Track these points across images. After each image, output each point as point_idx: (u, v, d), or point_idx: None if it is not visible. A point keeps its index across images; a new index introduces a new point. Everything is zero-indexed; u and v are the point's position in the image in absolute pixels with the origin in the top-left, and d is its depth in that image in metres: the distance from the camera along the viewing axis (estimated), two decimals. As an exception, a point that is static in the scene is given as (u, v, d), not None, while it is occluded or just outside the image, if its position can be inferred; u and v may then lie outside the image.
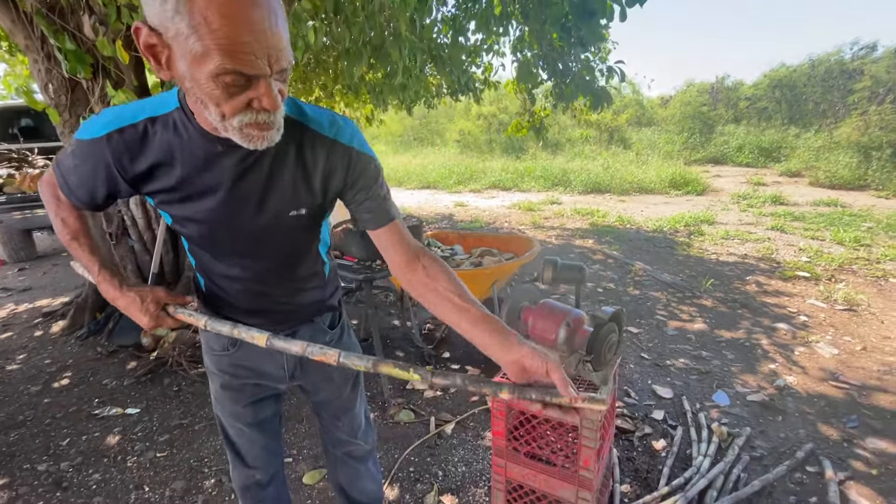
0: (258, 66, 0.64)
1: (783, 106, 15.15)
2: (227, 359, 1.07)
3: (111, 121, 0.80)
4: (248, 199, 0.85)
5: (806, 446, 1.90)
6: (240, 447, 1.18)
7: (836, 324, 3.11)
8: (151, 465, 1.97)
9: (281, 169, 0.83)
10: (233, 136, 0.71)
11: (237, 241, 0.91)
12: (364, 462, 1.34)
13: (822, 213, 6.89)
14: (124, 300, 0.92)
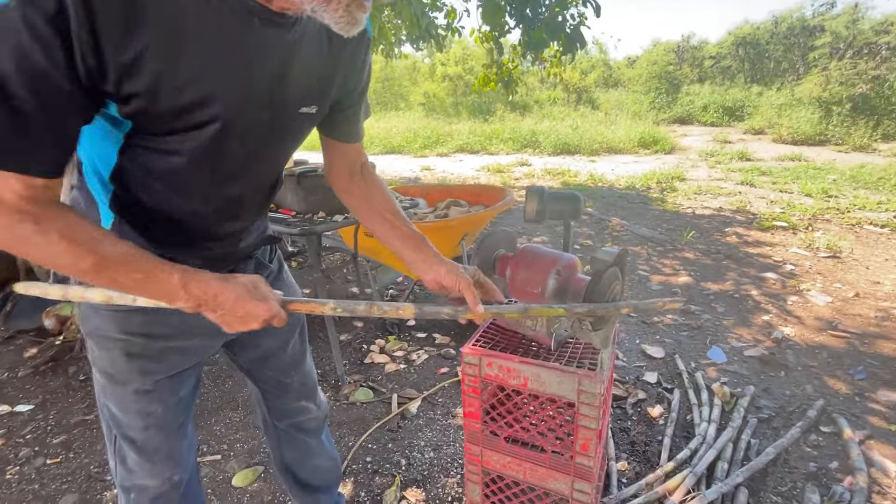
0: None
1: (746, 65, 15.18)
2: (138, 317, 0.76)
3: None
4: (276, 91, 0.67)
5: (817, 403, 1.69)
6: (148, 443, 0.83)
7: (822, 271, 2.95)
8: (38, 476, 1.56)
9: (312, 57, 0.69)
10: (329, 12, 0.57)
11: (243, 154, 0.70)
12: (316, 435, 1.12)
13: (787, 168, 6.88)
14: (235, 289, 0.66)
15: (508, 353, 1.11)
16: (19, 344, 2.43)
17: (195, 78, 0.58)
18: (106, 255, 0.58)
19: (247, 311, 0.66)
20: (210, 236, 0.79)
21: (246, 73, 0.62)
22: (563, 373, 1.03)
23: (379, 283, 2.59)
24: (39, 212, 0.55)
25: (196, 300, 0.64)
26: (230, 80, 0.61)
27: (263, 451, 1.63)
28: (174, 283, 0.62)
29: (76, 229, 0.57)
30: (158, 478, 0.86)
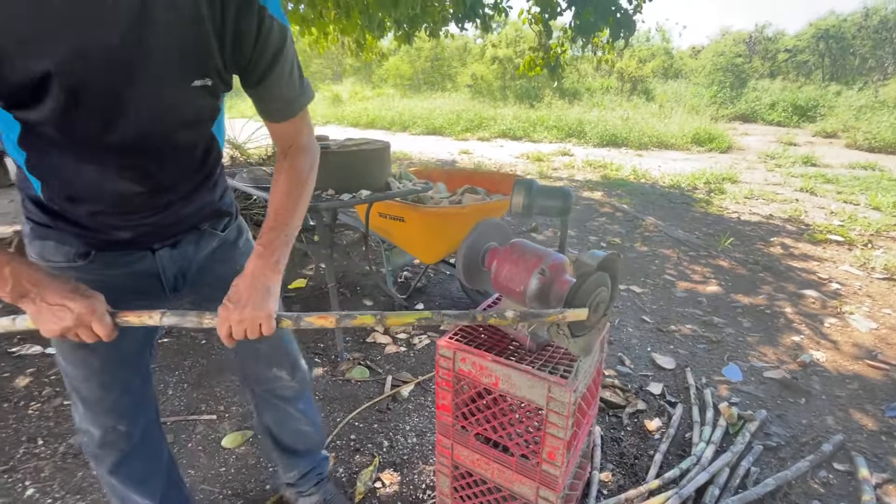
0: None
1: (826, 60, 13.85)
2: (73, 273, 0.79)
3: None
4: (136, 61, 0.64)
5: (835, 438, 1.54)
6: (90, 394, 0.89)
7: (873, 294, 2.69)
8: (55, 414, 1.69)
9: (181, 21, 0.64)
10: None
11: (112, 119, 0.67)
12: (293, 403, 1.15)
13: (857, 177, 6.28)
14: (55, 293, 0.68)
15: (485, 350, 1.08)
16: (60, 291, 2.63)
17: (23, 49, 0.56)
18: None
19: (61, 308, 0.67)
20: (131, 210, 0.80)
21: (79, 43, 0.59)
22: (533, 377, 0.98)
23: (392, 265, 2.60)
24: None
25: (20, 292, 0.67)
26: (59, 48, 0.58)
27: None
28: (3, 271, 0.65)
29: None
30: (101, 427, 0.91)
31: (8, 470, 1.45)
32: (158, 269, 0.88)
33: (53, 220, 0.78)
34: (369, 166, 1.94)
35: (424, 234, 2.19)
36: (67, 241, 0.79)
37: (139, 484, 0.99)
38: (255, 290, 0.77)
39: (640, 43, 16.45)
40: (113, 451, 0.93)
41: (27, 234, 0.81)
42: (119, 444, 0.93)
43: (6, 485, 1.40)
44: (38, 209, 0.78)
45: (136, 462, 0.97)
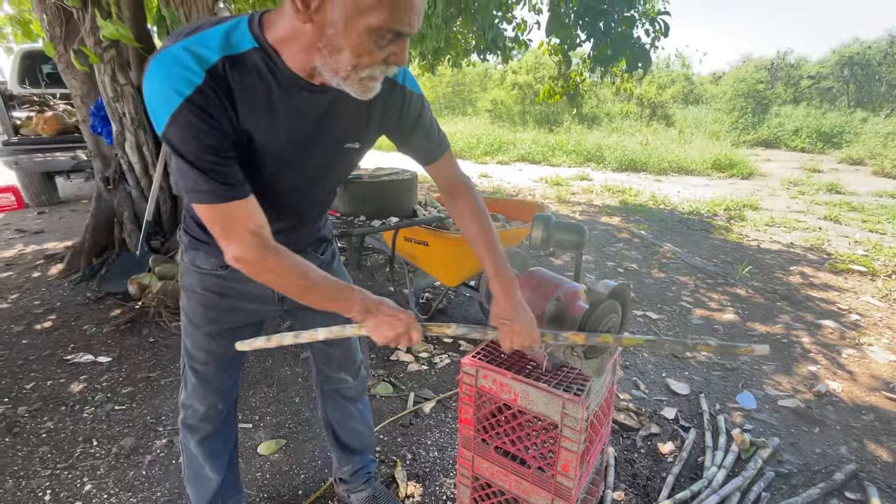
0: (411, 27, 0.69)
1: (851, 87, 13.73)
2: (215, 279, 1.03)
3: (190, 60, 0.71)
4: (323, 138, 0.89)
5: (847, 467, 1.57)
6: (206, 374, 1.12)
7: (894, 326, 2.68)
8: (107, 418, 1.85)
9: (348, 110, 0.88)
10: (347, 85, 0.75)
11: (295, 174, 0.92)
12: (353, 402, 1.34)
13: (884, 205, 6.18)
14: (388, 306, 0.87)
15: (505, 368, 1.18)
16: (108, 304, 2.84)
17: (263, 137, 0.82)
18: (313, 279, 0.83)
19: (397, 320, 0.85)
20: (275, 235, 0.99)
21: (296, 129, 0.85)
22: (549, 394, 1.08)
23: (415, 286, 2.72)
24: (274, 246, 0.81)
25: (366, 309, 0.85)
26: (286, 135, 0.85)
27: (289, 426, 1.82)
28: (354, 297, 0.85)
29: (295, 261, 0.82)
30: (205, 403, 1.14)
31: (68, 467, 1.60)
32: None
33: (209, 237, 0.96)
34: (398, 195, 2.10)
35: (447, 258, 2.32)
36: (214, 253, 0.97)
37: (214, 458, 1.19)
38: (518, 306, 0.96)
39: (659, 69, 16.61)
40: (208, 425, 1.15)
41: (185, 244, 1.03)
42: (214, 420, 1.15)
43: (67, 480, 1.55)
44: (198, 227, 0.99)
45: (218, 438, 1.18)
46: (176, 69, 0.70)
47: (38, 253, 3.84)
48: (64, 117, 4.98)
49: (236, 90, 0.75)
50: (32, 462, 1.62)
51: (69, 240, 4.17)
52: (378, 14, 0.66)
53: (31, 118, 5.03)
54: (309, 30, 0.70)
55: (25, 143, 4.78)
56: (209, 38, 0.73)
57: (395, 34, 0.69)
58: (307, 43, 0.72)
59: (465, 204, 1.03)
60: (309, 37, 0.71)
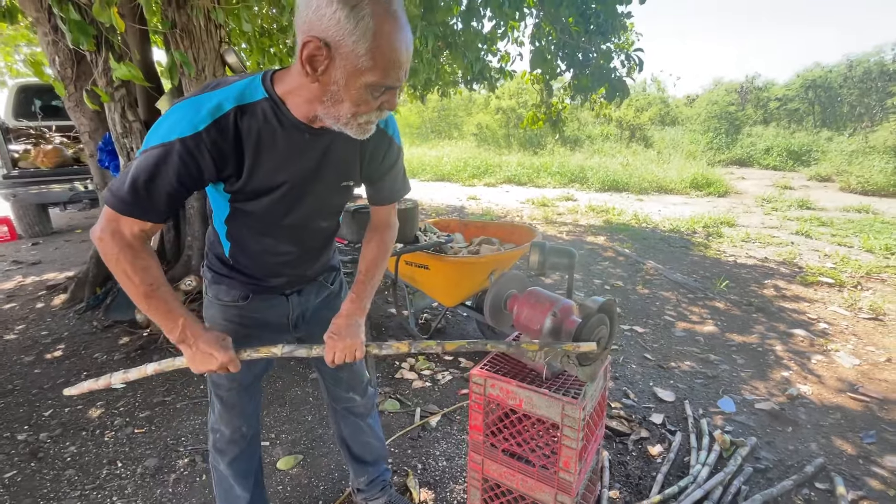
0: (399, 81, 0.83)
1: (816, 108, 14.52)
2: (235, 310, 1.14)
3: (199, 114, 0.84)
4: (321, 175, 1.01)
5: (816, 461, 1.75)
6: (231, 400, 1.22)
7: (859, 333, 2.91)
8: (128, 441, 1.93)
9: (344, 149, 1.01)
10: (348, 129, 0.88)
11: (300, 213, 1.04)
12: (364, 418, 1.45)
13: (851, 220, 6.56)
14: (209, 338, 0.98)
15: (510, 377, 1.34)
16: (115, 333, 2.91)
17: (268, 172, 0.95)
18: (158, 291, 0.93)
19: (209, 356, 0.97)
20: (286, 265, 1.14)
21: (297, 166, 0.97)
22: (550, 398, 1.24)
23: (415, 307, 2.87)
24: (139, 248, 0.90)
25: (182, 338, 0.96)
26: (289, 171, 0.97)
27: (304, 442, 1.92)
28: (177, 324, 0.95)
29: (150, 268, 0.92)
30: (231, 426, 1.23)
31: (96, 488, 1.69)
32: (289, 309, 1.19)
33: (230, 271, 1.11)
34: (402, 223, 2.25)
35: (446, 280, 2.48)
36: (234, 287, 1.12)
37: (243, 477, 1.29)
38: (350, 326, 1.09)
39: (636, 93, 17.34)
40: (235, 447, 1.25)
41: (208, 279, 1.15)
42: (240, 443, 1.25)
43: (97, 500, 1.63)
44: (220, 263, 1.13)
45: (244, 459, 1.29)
46: (189, 113, 0.83)
47: (39, 284, 3.89)
48: (63, 150, 5.08)
49: (244, 133, 0.88)
50: (60, 484, 1.70)
51: (67, 270, 4.22)
52: (373, 74, 0.79)
53: (28, 151, 5.13)
54: (315, 87, 0.83)
55: (25, 176, 4.86)
56: (229, 91, 0.87)
57: (387, 87, 0.83)
58: (312, 96, 0.85)
59: (379, 239, 1.18)
60: (315, 92, 0.84)
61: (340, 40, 0.76)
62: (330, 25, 0.75)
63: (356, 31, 0.75)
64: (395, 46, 0.78)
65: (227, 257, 1.11)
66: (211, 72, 3.06)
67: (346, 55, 0.78)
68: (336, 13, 0.74)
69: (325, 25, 0.75)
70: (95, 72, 3.06)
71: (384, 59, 0.78)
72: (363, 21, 0.75)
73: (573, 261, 1.36)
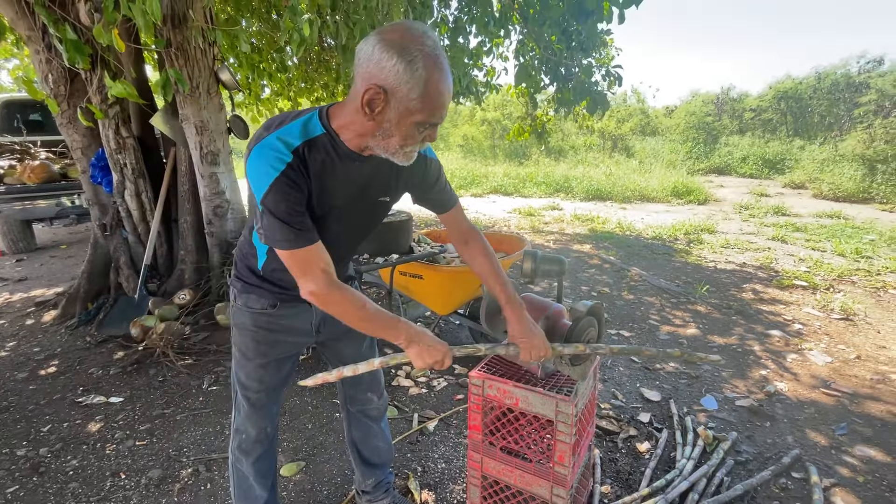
0: (442, 119, 0.97)
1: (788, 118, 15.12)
2: (265, 317, 1.21)
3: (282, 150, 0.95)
4: (364, 193, 1.12)
5: (792, 452, 1.86)
6: (258, 402, 1.29)
7: (831, 332, 3.07)
8: (130, 453, 1.96)
9: (385, 170, 1.12)
10: (395, 157, 1.01)
11: (346, 226, 1.14)
12: (377, 421, 1.53)
13: (824, 225, 6.84)
14: (429, 337, 1.07)
15: (506, 378, 1.42)
16: (109, 347, 2.92)
17: (328, 198, 1.06)
18: (370, 308, 1.03)
19: (435, 348, 1.06)
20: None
21: (351, 188, 1.09)
22: (545, 396, 1.32)
23: (409, 316, 2.94)
24: (338, 282, 1.02)
25: (409, 338, 1.05)
26: (343, 195, 1.08)
27: (305, 449, 1.97)
28: (400, 328, 1.05)
29: (355, 293, 1.03)
30: (257, 427, 1.30)
31: (101, 499, 1.71)
32: (313, 316, 1.27)
33: (261, 282, 1.19)
34: (397, 235, 2.35)
35: (440, 289, 2.56)
36: (264, 296, 1.19)
37: (263, 477, 1.36)
38: (529, 326, 1.20)
39: (617, 104, 17.83)
40: (260, 447, 1.32)
41: (238, 288, 1.22)
42: (265, 443, 1.32)
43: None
44: (251, 274, 1.20)
45: (266, 459, 1.36)
46: (272, 153, 0.95)
47: (27, 300, 3.86)
48: (50, 165, 5.05)
49: (310, 164, 0.99)
50: (65, 497, 1.72)
51: (55, 286, 4.19)
52: (422, 114, 0.92)
53: (13, 167, 5.09)
54: (370, 124, 0.96)
55: (11, 192, 4.82)
56: (294, 128, 0.98)
57: (431, 124, 0.96)
58: (365, 131, 0.98)
59: (477, 248, 1.27)
60: (368, 128, 0.97)
61: (397, 87, 0.89)
62: (389, 76, 0.88)
63: (411, 80, 0.88)
64: (441, 91, 0.91)
65: (259, 269, 1.19)
66: (205, 88, 3.13)
67: (400, 99, 0.90)
68: (396, 66, 0.87)
69: (385, 75, 0.88)
70: (90, 89, 3.10)
71: (432, 102, 0.91)
72: (417, 72, 0.88)
73: (563, 267, 1.46)
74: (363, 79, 0.91)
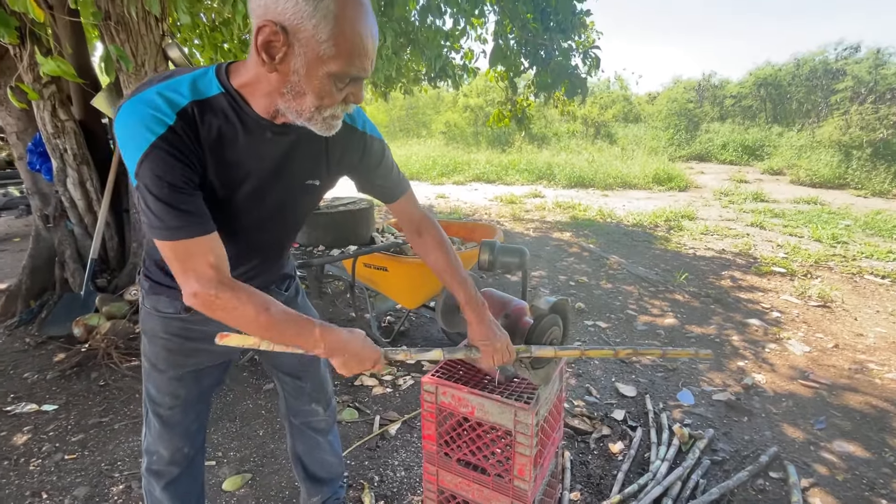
0: (365, 70, 0.77)
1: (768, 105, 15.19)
2: (179, 322, 1.03)
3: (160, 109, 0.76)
4: (284, 175, 0.93)
5: (770, 450, 1.77)
6: (172, 419, 1.11)
7: (809, 320, 3.01)
8: (56, 469, 1.77)
9: (310, 147, 0.94)
10: (312, 124, 0.81)
11: (262, 213, 0.95)
12: (324, 434, 1.37)
13: (801, 211, 6.87)
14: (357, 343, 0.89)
15: (463, 383, 1.28)
16: (50, 349, 2.69)
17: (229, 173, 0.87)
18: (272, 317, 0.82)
19: (364, 356, 0.89)
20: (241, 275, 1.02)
21: (259, 165, 0.89)
22: (502, 404, 1.18)
23: (377, 311, 2.78)
24: (231, 281, 0.81)
25: (330, 348, 0.87)
26: (250, 171, 0.89)
27: (254, 459, 1.81)
28: (316, 336, 0.86)
29: (253, 293, 0.82)
30: (171, 447, 1.12)
31: (16, 524, 1.53)
32: None
33: (171, 280, 0.97)
34: (356, 224, 2.18)
35: (406, 282, 2.40)
36: (177, 297, 0.98)
37: (181, 502, 1.18)
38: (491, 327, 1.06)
39: (601, 90, 17.70)
40: (175, 469, 1.14)
41: (146, 289, 1.03)
42: (180, 464, 1.14)
43: (16, 538, 1.47)
44: (160, 272, 1.00)
45: (184, 482, 1.17)
46: (149, 111, 0.75)
47: (-33, 298, 3.57)
48: (-7, 153, 4.71)
49: (202, 131, 0.80)
50: (-26, 523, 1.54)
51: (1, 282, 3.90)
52: (336, 62, 0.73)
53: (-45, 154, 4.73)
54: (274, 77, 0.76)
55: (-50, 182, 4.47)
56: (179, 85, 0.78)
57: (352, 78, 0.77)
58: (271, 89, 0.78)
59: (431, 239, 1.10)
60: (273, 83, 0.77)
61: (299, 24, 0.70)
62: (287, 8, 0.69)
63: (316, 14, 0.69)
64: (359, 31, 0.73)
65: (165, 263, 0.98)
66: (151, 67, 2.87)
67: (305, 41, 0.71)
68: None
69: (282, 8, 0.69)
70: (20, 67, 2.82)
71: (348, 45, 0.72)
72: (323, 2, 0.69)
73: (524, 260, 1.31)
74: (256, 16, 0.72)
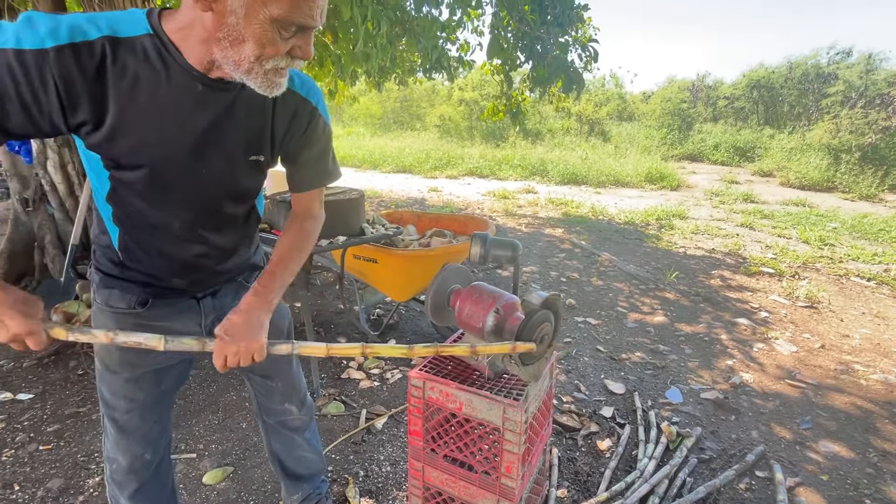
0: (314, 20, 0.69)
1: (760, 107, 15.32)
2: (133, 318, 0.95)
3: (58, 31, 0.66)
4: (216, 140, 0.82)
5: (757, 449, 1.77)
6: (129, 425, 1.02)
7: (796, 320, 3.03)
8: (30, 460, 1.71)
9: (252, 114, 0.84)
10: (251, 78, 0.72)
11: (190, 184, 0.85)
12: (300, 432, 1.30)
13: (790, 213, 6.94)
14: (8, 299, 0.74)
15: (451, 379, 1.25)
16: (28, 336, 2.61)
17: (146, 128, 0.75)
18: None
19: (2, 321, 0.73)
20: (185, 262, 0.94)
21: (187, 125, 0.78)
22: (491, 400, 1.16)
23: (366, 303, 2.74)
24: None
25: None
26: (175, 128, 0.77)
27: (236, 452, 1.77)
28: None
29: None
30: (129, 455, 1.03)
31: (-15, 517, 1.47)
32: (201, 315, 1.01)
33: (122, 271, 0.91)
34: (346, 214, 2.13)
35: (396, 274, 2.37)
36: (130, 290, 0.92)
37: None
38: (250, 325, 0.89)
39: (596, 88, 17.71)
40: (137, 477, 1.06)
41: (96, 283, 0.95)
42: (142, 472, 1.06)
43: (-16, 531, 1.42)
44: (109, 261, 0.93)
45: (151, 489, 1.09)
46: (41, 22, 0.65)
47: (-58, 283, 3.46)
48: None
49: (113, 72, 0.70)
50: (-59, 515, 1.48)
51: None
52: (279, 5, 0.65)
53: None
54: (209, 18, 0.67)
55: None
56: (99, 18, 0.70)
57: (299, 27, 0.69)
58: (206, 33, 0.69)
59: (299, 227, 1.01)
60: (208, 26, 0.68)
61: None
62: None
63: None
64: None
65: (116, 250, 0.90)
66: (137, 48, 2.78)
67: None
68: None
69: None
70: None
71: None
72: None
73: (516, 253, 1.28)
74: None
